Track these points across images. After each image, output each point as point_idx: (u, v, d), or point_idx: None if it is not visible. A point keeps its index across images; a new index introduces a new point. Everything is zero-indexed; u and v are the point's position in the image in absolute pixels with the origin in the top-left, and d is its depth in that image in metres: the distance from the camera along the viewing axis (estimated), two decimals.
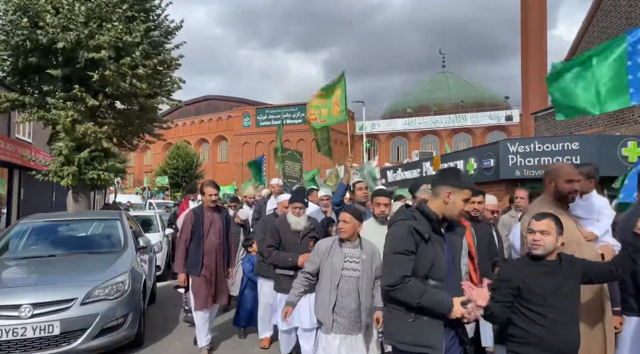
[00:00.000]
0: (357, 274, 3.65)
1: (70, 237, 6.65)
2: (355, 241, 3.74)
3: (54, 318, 4.69)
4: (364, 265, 3.67)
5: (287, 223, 4.83)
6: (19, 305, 4.65)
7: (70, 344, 4.74)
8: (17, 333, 4.56)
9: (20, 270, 5.56)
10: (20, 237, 6.39)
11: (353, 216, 3.70)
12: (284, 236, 4.81)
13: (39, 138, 17.49)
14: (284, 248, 4.78)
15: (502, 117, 46.85)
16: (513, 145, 12.19)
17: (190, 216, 5.34)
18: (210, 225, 5.32)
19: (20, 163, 14.91)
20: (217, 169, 54.74)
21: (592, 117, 15.09)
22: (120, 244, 6.30)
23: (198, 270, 5.18)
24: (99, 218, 7.32)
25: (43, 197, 18.14)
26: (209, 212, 5.39)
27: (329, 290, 3.64)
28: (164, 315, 7.20)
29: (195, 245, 5.22)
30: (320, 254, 3.78)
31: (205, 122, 58.25)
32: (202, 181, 5.78)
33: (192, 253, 5.22)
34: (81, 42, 10.25)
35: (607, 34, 14.49)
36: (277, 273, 4.81)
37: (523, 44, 32.54)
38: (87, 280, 5.08)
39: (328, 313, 3.61)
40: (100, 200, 25.02)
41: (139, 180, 57.77)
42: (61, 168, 11.02)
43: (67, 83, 11.01)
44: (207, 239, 5.26)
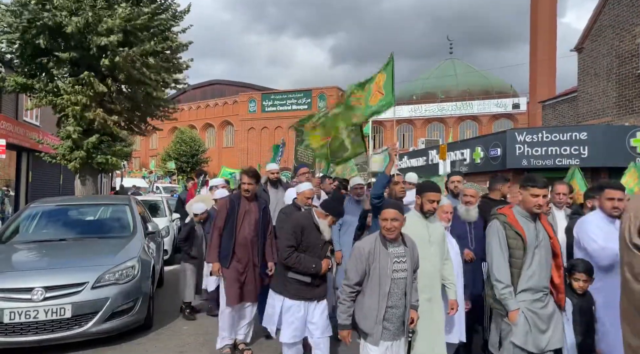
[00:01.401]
0: (405, 274, 3.32)
1: (80, 221, 6.72)
2: (399, 239, 3.39)
3: (65, 301, 4.77)
4: (409, 263, 3.36)
5: (312, 221, 4.28)
6: (32, 288, 4.73)
7: (82, 327, 4.83)
8: (30, 316, 4.65)
9: (32, 253, 5.64)
10: (30, 221, 6.46)
11: (400, 211, 3.31)
12: (307, 237, 4.24)
13: (47, 121, 17.58)
14: (303, 249, 4.25)
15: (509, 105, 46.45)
16: (520, 135, 12.16)
17: (225, 203, 4.97)
18: (245, 215, 4.90)
19: (29, 146, 15.01)
20: (223, 154, 54.81)
21: (601, 106, 14.98)
22: (129, 229, 6.37)
23: (227, 262, 4.81)
24: (108, 202, 7.39)
25: (51, 180, 18.29)
26: (246, 202, 4.96)
27: (377, 297, 3.25)
28: (171, 299, 7.29)
29: (228, 235, 4.84)
30: (364, 259, 3.29)
31: (211, 106, 58.17)
32: (242, 171, 5.26)
33: (224, 243, 4.84)
34: (90, 26, 10.23)
35: (618, 21, 14.31)
36: (289, 276, 4.23)
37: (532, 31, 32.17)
38: (98, 265, 5.16)
39: (377, 323, 3.24)
40: (107, 184, 25.18)
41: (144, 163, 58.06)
42: (70, 153, 11.11)
43: (76, 68, 11.03)
44: (240, 230, 4.85)
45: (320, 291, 4.29)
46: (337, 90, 49.39)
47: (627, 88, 13.97)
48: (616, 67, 14.42)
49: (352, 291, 3.34)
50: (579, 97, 16.27)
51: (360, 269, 3.30)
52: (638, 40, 13.49)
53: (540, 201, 3.34)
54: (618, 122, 13.96)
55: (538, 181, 3.37)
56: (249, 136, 53.09)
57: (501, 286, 3.32)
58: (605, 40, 14.93)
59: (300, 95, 50.62)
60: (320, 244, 4.26)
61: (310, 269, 4.16)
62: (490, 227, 3.51)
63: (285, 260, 4.19)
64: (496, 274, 3.36)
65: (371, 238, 3.40)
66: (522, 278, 3.33)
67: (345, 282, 3.37)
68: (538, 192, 3.33)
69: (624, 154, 11.02)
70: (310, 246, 4.23)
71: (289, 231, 4.28)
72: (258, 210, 4.99)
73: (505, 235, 3.39)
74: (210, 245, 4.92)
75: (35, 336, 4.66)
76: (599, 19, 15.26)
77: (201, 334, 5.64)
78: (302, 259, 4.15)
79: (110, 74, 11.06)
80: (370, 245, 3.32)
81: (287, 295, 4.22)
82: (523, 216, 3.43)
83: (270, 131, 51.60)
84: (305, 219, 4.31)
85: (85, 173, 11.60)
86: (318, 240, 4.25)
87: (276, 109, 51.41)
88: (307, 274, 4.18)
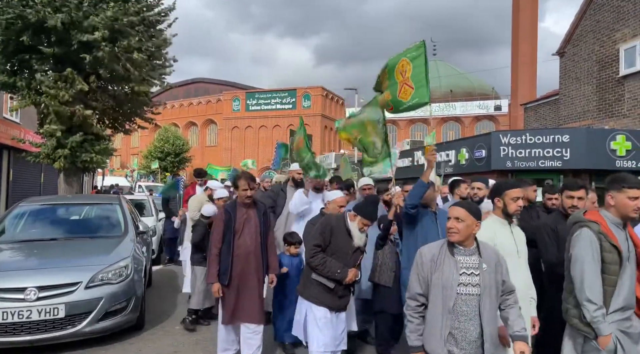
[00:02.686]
0: (478, 290, 2.72)
1: (71, 221, 6.65)
2: (472, 246, 2.82)
3: (59, 301, 4.74)
4: (486, 278, 2.73)
5: (343, 224, 4.01)
6: (24, 288, 4.69)
7: (75, 327, 4.81)
8: (23, 316, 4.61)
9: (23, 253, 5.57)
10: (19, 220, 6.38)
11: (469, 212, 2.78)
12: (336, 240, 3.97)
13: (27, 118, 17.25)
14: (331, 253, 3.97)
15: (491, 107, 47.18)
16: (505, 137, 12.39)
17: (220, 215, 4.53)
18: (245, 224, 4.43)
19: (10, 144, 14.73)
20: (206, 153, 54.45)
21: (581, 109, 15.34)
22: (121, 229, 6.34)
23: (226, 278, 4.33)
24: (98, 202, 7.32)
25: (32, 179, 17.97)
26: (243, 209, 4.49)
27: (440, 313, 2.73)
28: (161, 299, 7.28)
29: (226, 248, 4.36)
30: (426, 267, 2.80)
31: (195, 105, 57.75)
32: (237, 174, 4.84)
33: (223, 257, 4.38)
34: (74, 23, 10.11)
35: (599, 27, 14.67)
36: (313, 278, 3.99)
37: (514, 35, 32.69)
38: (91, 264, 5.13)
39: (441, 343, 2.72)
40: (89, 182, 24.82)
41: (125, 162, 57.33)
42: (53, 151, 10.96)
43: (59, 64, 10.87)
44: (239, 241, 4.38)
45: (342, 302, 4.05)
46: (322, 89, 49.47)
47: (607, 92, 14.33)
48: (597, 71, 14.79)
49: (417, 304, 2.84)
50: (561, 100, 16.63)
51: (423, 278, 2.82)
52: (618, 45, 13.85)
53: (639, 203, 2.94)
54: (598, 125, 14.32)
55: (633, 181, 2.98)
56: (233, 135, 52.85)
57: (593, 308, 2.88)
58: (587, 45, 15.29)
59: (284, 94, 50.58)
60: (349, 251, 3.96)
61: (335, 274, 3.89)
62: (580, 237, 3.01)
63: (310, 259, 3.97)
64: (588, 293, 2.90)
65: (437, 243, 2.94)
66: (615, 296, 2.95)
67: (408, 294, 2.91)
68: (637, 194, 2.94)
69: (604, 157, 11.32)
70: (338, 251, 3.96)
71: (318, 230, 4.03)
72: (258, 217, 4.51)
73: (600, 247, 2.95)
74: (210, 263, 4.46)
75: (29, 336, 4.62)
76: (580, 24, 15.61)
77: (194, 334, 5.65)
78: (327, 261, 3.90)
79: (94, 71, 10.94)
80: (434, 251, 2.84)
81: (312, 300, 4.00)
82: (615, 224, 3.03)
83: (254, 130, 51.45)
84: (336, 221, 4.07)
85: (70, 172, 11.45)
86: (347, 246, 3.97)
87: (260, 108, 51.29)
88: (331, 279, 3.92)
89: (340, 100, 53.70)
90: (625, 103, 13.56)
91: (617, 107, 13.90)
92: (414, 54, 4.85)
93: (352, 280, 3.97)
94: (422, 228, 4.26)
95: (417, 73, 4.79)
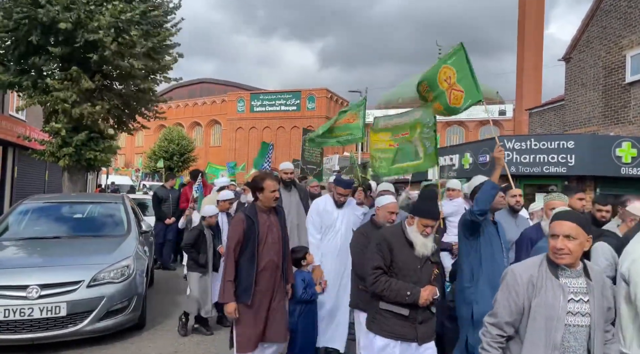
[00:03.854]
0: (587, 321, 2.23)
1: (74, 219, 6.66)
2: (578, 267, 2.30)
3: (61, 300, 4.75)
4: (595, 304, 2.26)
5: (403, 237, 3.34)
6: (26, 286, 4.70)
7: (77, 326, 4.81)
8: (24, 313, 4.62)
9: (26, 250, 5.59)
10: (22, 218, 6.40)
11: (581, 226, 2.26)
12: (398, 256, 3.30)
13: (33, 115, 17.32)
14: (395, 273, 3.31)
15: (496, 112, 47.05)
16: (509, 142, 12.33)
17: (240, 221, 3.83)
18: (268, 232, 3.85)
19: (15, 141, 14.78)
20: (210, 153, 54.53)
21: (587, 116, 15.29)
22: (124, 228, 6.35)
23: (249, 297, 3.72)
24: (101, 201, 7.33)
25: (37, 176, 18.03)
26: (265, 215, 3.90)
27: (542, 348, 2.22)
28: (162, 299, 7.28)
29: (248, 262, 3.76)
30: (521, 290, 2.28)
31: (199, 105, 57.86)
32: (259, 174, 4.22)
33: (243, 272, 3.75)
34: (81, 22, 10.15)
35: (606, 33, 14.62)
36: (381, 308, 3.31)
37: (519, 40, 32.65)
38: (94, 263, 5.14)
39: None
40: (93, 181, 24.89)
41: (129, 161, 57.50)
42: (59, 150, 11.00)
43: (66, 63, 10.92)
44: (263, 252, 3.80)
45: (425, 330, 3.31)
46: (326, 91, 49.49)
47: (613, 98, 14.27)
48: (603, 77, 14.72)
49: (501, 334, 2.34)
50: (566, 106, 16.56)
51: (516, 305, 2.29)
52: (625, 51, 13.80)
53: None
54: (604, 131, 14.25)
55: None
56: (237, 136, 52.91)
57: None
58: (593, 51, 15.23)
59: (289, 95, 50.62)
60: (417, 265, 3.29)
61: (404, 298, 3.20)
62: None
63: (372, 286, 3.30)
64: None
65: (532, 261, 2.40)
66: None
67: (491, 320, 2.39)
68: None
69: (610, 164, 11.25)
70: (403, 268, 3.28)
71: (373, 249, 3.38)
72: (280, 224, 4.00)
73: None
74: (224, 279, 3.79)
75: (30, 334, 4.64)
76: (587, 30, 15.56)
77: (195, 334, 5.65)
78: (392, 284, 3.23)
79: (99, 69, 10.98)
80: (532, 271, 2.30)
81: (386, 335, 3.29)
82: None
83: (258, 131, 51.50)
84: (392, 235, 3.39)
85: (74, 170, 11.50)
86: (413, 259, 3.29)
87: (265, 109, 51.33)
88: (403, 304, 3.23)
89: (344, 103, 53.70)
90: (631, 110, 13.50)
91: (623, 114, 13.84)
92: (455, 58, 4.86)
93: (429, 300, 3.23)
94: (486, 240, 3.68)
95: (463, 76, 4.79)
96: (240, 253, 3.79)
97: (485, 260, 3.62)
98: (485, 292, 3.50)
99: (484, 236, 3.69)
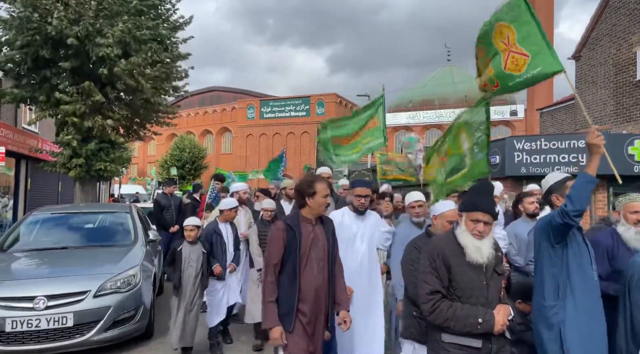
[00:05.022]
0: None
1: (82, 229, 6.72)
2: None
3: (67, 310, 4.78)
4: None
5: (460, 248, 2.68)
6: (34, 297, 4.74)
7: (84, 336, 4.84)
8: (32, 324, 4.65)
9: (33, 261, 5.64)
10: (31, 229, 6.47)
11: None
12: (458, 271, 2.63)
13: (46, 128, 17.57)
14: (458, 296, 2.63)
15: (507, 112, 46.65)
16: (519, 142, 12.20)
17: (280, 231, 3.25)
18: (312, 245, 3.26)
19: (28, 153, 15.01)
20: (221, 160, 54.82)
21: (598, 114, 15.07)
22: (130, 237, 6.39)
23: (291, 321, 3.16)
24: (109, 211, 7.40)
25: (50, 188, 18.26)
26: (309, 226, 3.30)
27: None
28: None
29: (289, 280, 3.20)
30: None
31: (210, 113, 58.26)
32: (307, 176, 3.50)
33: (283, 293, 3.21)
34: (90, 36, 10.30)
35: (615, 30, 14.43)
36: (445, 341, 2.64)
37: None
38: (100, 273, 5.17)
39: None
40: (106, 191, 25.15)
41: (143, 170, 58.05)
42: (69, 160, 11.14)
43: (76, 76, 11.07)
44: (306, 269, 3.22)
45: None
46: (335, 96, 49.52)
47: (624, 96, 14.06)
48: (613, 75, 14.53)
49: None
50: (577, 105, 16.36)
51: None
52: (635, 48, 13.60)
53: None
54: (616, 129, 14.04)
55: None
56: (247, 143, 53.12)
57: None
58: (603, 48, 15.04)
59: (298, 101, 50.72)
60: (483, 280, 2.63)
61: (476, 326, 2.53)
62: None
63: (431, 316, 2.63)
64: None
65: None
66: None
67: None
68: None
69: (622, 162, 11.06)
70: (467, 288, 2.61)
71: (425, 268, 2.71)
72: (326, 237, 3.36)
73: None
74: (265, 300, 3.20)
75: (37, 345, 4.66)
76: (596, 27, 15.38)
77: (203, 343, 5.63)
78: (457, 311, 2.56)
79: (109, 82, 11.12)
80: None
81: None
82: None
83: (268, 138, 51.65)
84: (447, 245, 2.71)
85: (85, 180, 11.63)
86: (477, 273, 2.63)
87: (275, 116, 51.49)
88: (474, 335, 2.56)
89: (354, 107, 53.71)
90: None
91: (634, 111, 13.63)
92: (513, 13, 3.50)
93: (505, 325, 2.59)
94: (574, 249, 3.00)
95: (528, 34, 3.41)
96: (281, 269, 3.24)
97: (575, 273, 2.95)
98: (575, 312, 2.90)
99: (573, 243, 2.99)
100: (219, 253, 5.43)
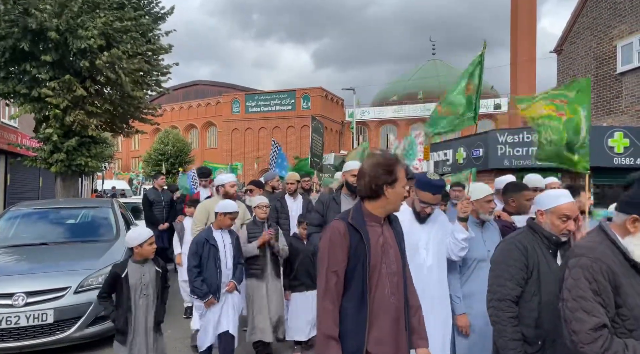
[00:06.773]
0: None
1: (62, 225, 6.62)
2: None
3: (47, 307, 4.72)
4: None
5: (627, 264, 2.06)
6: (13, 294, 4.67)
7: (64, 333, 4.78)
8: (11, 322, 4.58)
9: (12, 258, 5.55)
10: (10, 225, 6.35)
11: None
12: (629, 295, 1.99)
13: (25, 123, 17.25)
14: (628, 327, 2.01)
15: (491, 106, 47.11)
16: (502, 135, 12.33)
17: (341, 235, 2.25)
18: (383, 255, 2.31)
19: (7, 149, 14.72)
20: (206, 155, 54.45)
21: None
22: (112, 232, 6.31)
23: (362, 349, 2.21)
24: (90, 206, 7.29)
25: (30, 183, 17.96)
26: (377, 227, 2.34)
27: None
28: None
29: (356, 301, 2.25)
30: None
31: (194, 107, 57.76)
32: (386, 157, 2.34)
33: (350, 314, 2.24)
34: (71, 29, 10.10)
35: (596, 24, 14.61)
36: None
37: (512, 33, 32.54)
38: (81, 269, 5.11)
39: None
40: (88, 186, 24.83)
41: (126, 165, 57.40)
42: (50, 156, 10.95)
43: (57, 70, 10.86)
44: (378, 285, 2.27)
45: None
46: (321, 90, 49.42)
47: (604, 89, 14.26)
48: (594, 68, 14.72)
49: None
50: None
51: None
52: (615, 42, 13.79)
53: None
54: (596, 122, 14.24)
55: None
56: (233, 137, 52.82)
57: None
58: (584, 42, 15.22)
59: (284, 95, 50.53)
60: None
61: None
62: None
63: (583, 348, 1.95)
64: None
65: None
66: None
67: None
68: None
69: (602, 154, 11.24)
70: None
71: (583, 292, 1.99)
72: (395, 239, 2.41)
73: None
74: (323, 333, 2.21)
75: (17, 342, 4.60)
76: (577, 21, 15.55)
77: (188, 338, 5.60)
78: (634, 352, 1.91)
79: (90, 76, 10.94)
80: None
81: None
82: None
83: (254, 132, 51.42)
84: (613, 259, 2.05)
85: (66, 176, 11.46)
86: None
87: (260, 110, 51.25)
88: None
89: (339, 101, 53.68)
90: (623, 100, 13.49)
91: (614, 104, 13.83)
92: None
93: None
94: None
95: None
96: (345, 285, 2.27)
97: None
98: None
99: None
100: (212, 269, 4.27)
